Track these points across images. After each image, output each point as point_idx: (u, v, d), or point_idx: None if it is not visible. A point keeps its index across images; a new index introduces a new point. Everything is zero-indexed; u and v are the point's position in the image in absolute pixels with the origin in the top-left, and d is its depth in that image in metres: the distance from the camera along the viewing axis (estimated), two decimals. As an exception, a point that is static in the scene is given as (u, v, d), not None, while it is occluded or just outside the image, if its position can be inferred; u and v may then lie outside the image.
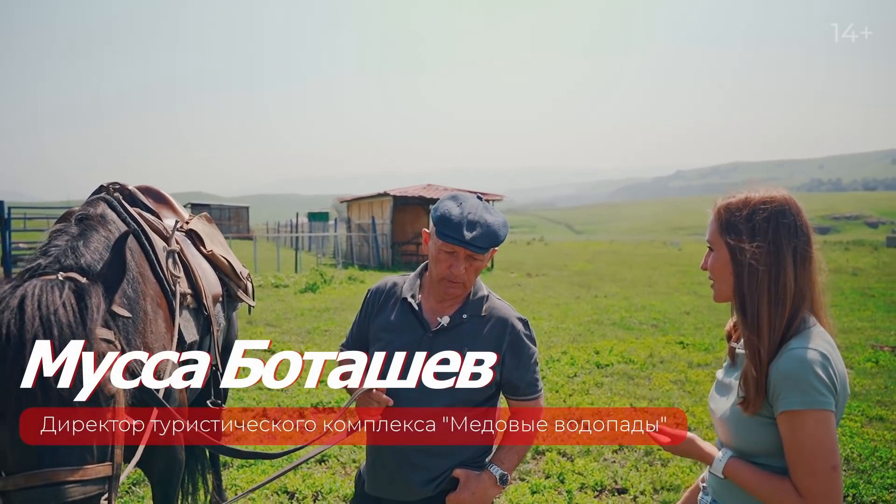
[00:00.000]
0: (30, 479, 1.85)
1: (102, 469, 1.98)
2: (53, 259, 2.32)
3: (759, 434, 1.92)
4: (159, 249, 3.12)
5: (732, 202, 1.99)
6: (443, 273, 2.42)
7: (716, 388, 2.17)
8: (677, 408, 6.76)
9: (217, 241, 4.00)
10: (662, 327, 12.55)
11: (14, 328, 1.91)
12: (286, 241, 39.64)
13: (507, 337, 2.51)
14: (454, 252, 2.39)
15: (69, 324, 1.97)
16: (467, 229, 2.36)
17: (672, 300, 16.76)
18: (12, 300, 1.98)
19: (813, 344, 1.85)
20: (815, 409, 1.79)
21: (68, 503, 1.86)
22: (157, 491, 3.18)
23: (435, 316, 2.52)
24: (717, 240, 2.01)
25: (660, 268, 28.19)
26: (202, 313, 3.40)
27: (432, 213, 2.47)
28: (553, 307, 15.43)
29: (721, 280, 2.02)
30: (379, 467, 2.53)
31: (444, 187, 29.56)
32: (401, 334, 2.51)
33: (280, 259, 26.30)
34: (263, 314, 13.17)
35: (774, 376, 1.85)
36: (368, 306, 2.66)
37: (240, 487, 5.15)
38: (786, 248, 1.90)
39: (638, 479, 5.32)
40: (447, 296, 2.48)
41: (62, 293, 2.03)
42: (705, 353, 10.05)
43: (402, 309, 2.56)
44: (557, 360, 9.47)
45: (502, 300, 2.64)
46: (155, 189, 3.78)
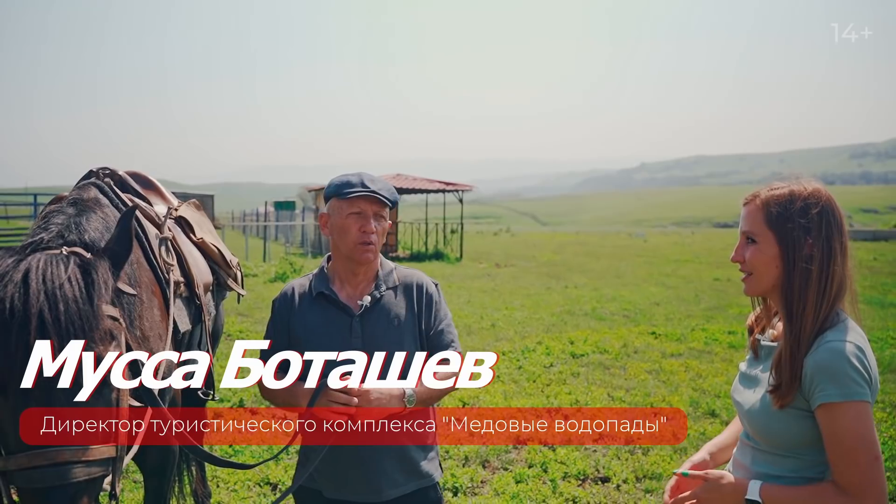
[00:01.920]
0: (33, 459, 1.81)
1: (107, 450, 1.94)
2: (56, 234, 2.25)
3: (791, 426, 1.90)
4: (152, 237, 3.05)
5: (779, 194, 1.96)
6: (355, 238, 2.45)
7: (741, 381, 2.14)
8: (677, 407, 6.81)
9: (206, 229, 3.93)
10: (634, 318, 12.65)
11: (18, 302, 1.85)
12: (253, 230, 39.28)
13: (424, 298, 2.60)
14: (361, 212, 2.45)
15: (75, 299, 1.90)
16: (370, 183, 2.46)
17: (641, 291, 16.91)
18: (16, 274, 1.91)
19: (849, 336, 1.85)
20: (853, 400, 1.78)
21: (72, 483, 1.82)
22: (150, 483, 3.12)
23: (353, 301, 2.54)
24: (764, 231, 1.96)
25: (627, 259, 28.44)
26: (194, 302, 3.34)
27: (328, 190, 2.53)
28: (525, 297, 15.48)
29: (764, 272, 1.98)
30: (342, 469, 2.49)
31: (414, 177, 29.46)
32: (328, 327, 2.51)
33: (248, 248, 26.06)
34: (234, 304, 13.02)
35: (811, 369, 1.84)
36: (280, 316, 2.61)
37: (221, 479, 5.10)
38: (836, 243, 1.90)
39: (620, 467, 5.35)
40: (364, 261, 2.50)
41: (68, 267, 1.97)
42: (678, 343, 10.15)
43: (319, 305, 2.56)
44: (533, 350, 9.50)
45: (410, 268, 2.72)
46: (143, 175, 3.69)
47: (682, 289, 17.47)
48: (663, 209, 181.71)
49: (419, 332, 2.57)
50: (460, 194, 28.89)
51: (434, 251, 28.26)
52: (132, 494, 4.78)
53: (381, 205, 2.48)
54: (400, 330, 2.52)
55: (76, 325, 1.86)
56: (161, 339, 2.79)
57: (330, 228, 2.53)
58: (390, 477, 2.49)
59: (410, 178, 29.29)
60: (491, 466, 5.47)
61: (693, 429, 6.22)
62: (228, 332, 10.53)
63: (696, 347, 9.87)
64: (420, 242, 29.88)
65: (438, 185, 28.59)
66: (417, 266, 20.96)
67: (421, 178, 29.40)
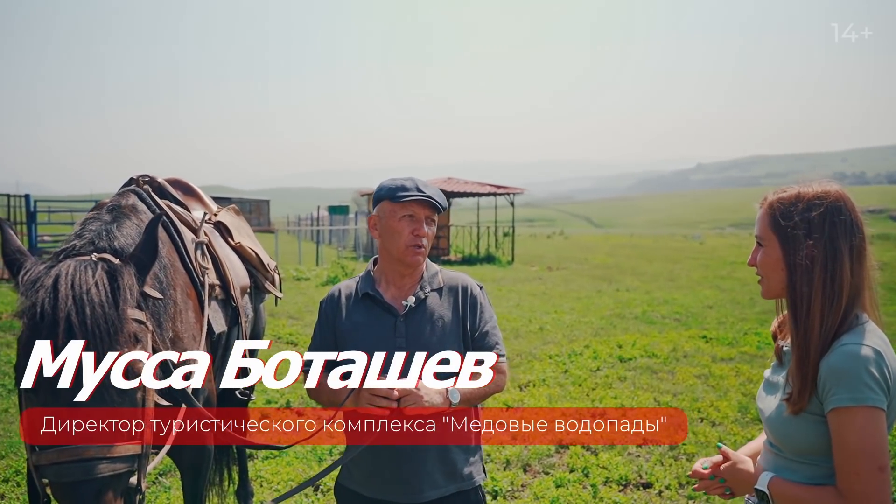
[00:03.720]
0: (61, 455, 1.90)
1: (132, 447, 2.02)
2: (87, 241, 2.36)
3: (809, 433, 1.87)
4: (188, 241, 3.14)
5: (785, 197, 1.94)
6: (407, 240, 2.50)
7: (764, 388, 2.12)
8: (676, 407, 6.74)
9: (245, 233, 4.02)
10: (685, 321, 12.47)
11: (48, 307, 1.95)
12: (307, 234, 39.82)
13: (469, 301, 2.63)
14: (414, 215, 2.50)
15: (101, 303, 1.99)
16: (423, 188, 2.51)
17: (694, 294, 16.65)
18: (47, 279, 2.01)
19: (866, 340, 1.80)
20: (864, 405, 1.74)
21: (97, 479, 1.90)
22: (186, 479, 3.21)
23: (398, 302, 2.58)
24: (769, 235, 1.96)
25: (681, 262, 28.00)
26: (230, 304, 3.42)
27: (380, 193, 2.56)
28: (575, 301, 15.38)
29: (771, 277, 1.97)
30: (383, 469, 2.52)
31: (465, 180, 29.49)
32: (372, 328, 2.55)
33: (301, 252, 26.40)
34: (285, 307, 13.21)
35: (825, 372, 1.81)
36: (327, 316, 2.67)
37: (265, 479, 5.19)
38: (842, 245, 1.85)
39: (663, 473, 5.29)
40: (414, 263, 2.55)
41: (95, 273, 2.06)
42: (729, 348, 9.97)
43: (364, 305, 2.61)
44: (580, 354, 9.44)
45: (455, 271, 2.76)
46: (184, 182, 3.81)
47: (737, 292, 17.13)
48: (721, 211, 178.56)
49: (464, 334, 2.60)
50: (511, 197, 28.83)
51: (486, 254, 28.25)
52: (173, 492, 4.89)
53: (433, 209, 2.54)
54: (443, 331, 2.55)
55: (101, 327, 1.95)
56: (195, 340, 2.87)
57: (380, 230, 2.57)
58: (431, 478, 2.51)
59: (462, 181, 29.33)
60: (532, 470, 5.46)
61: (740, 434, 6.11)
62: (279, 335, 10.69)
63: (748, 352, 9.67)
64: (472, 246, 29.91)
65: (489, 189, 28.58)
66: (469, 269, 20.96)
67: (472, 182, 29.42)
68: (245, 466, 4.74)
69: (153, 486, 5.08)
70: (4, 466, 5.33)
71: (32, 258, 2.14)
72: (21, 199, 16.49)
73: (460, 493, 2.59)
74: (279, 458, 5.59)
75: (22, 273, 2.08)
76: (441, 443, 2.50)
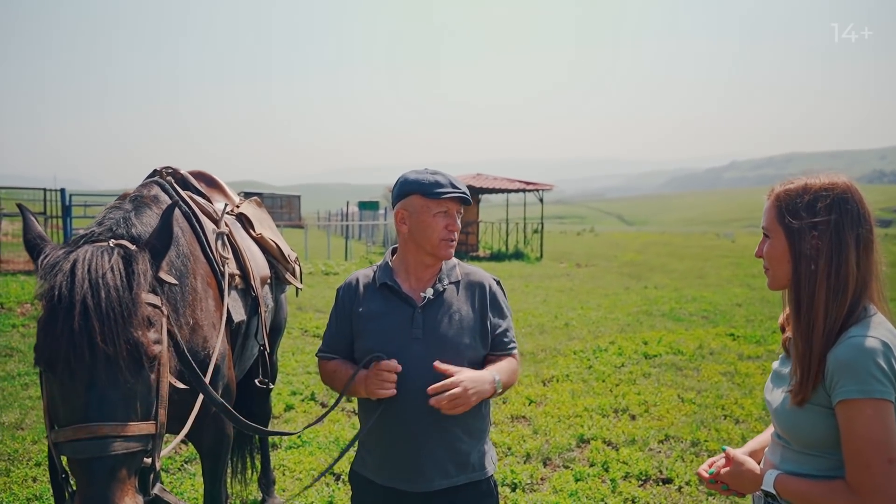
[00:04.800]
0: (77, 432, 1.97)
1: (146, 427, 2.08)
2: (107, 228, 2.43)
3: (816, 425, 1.87)
4: (209, 231, 3.21)
5: (791, 188, 1.94)
6: (441, 234, 2.54)
7: (771, 380, 2.12)
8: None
9: (266, 225, 4.09)
10: (713, 319, 12.37)
11: (65, 290, 2.02)
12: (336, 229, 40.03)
13: (487, 297, 2.66)
14: (447, 210, 2.54)
15: (116, 287, 2.06)
16: (457, 185, 2.55)
17: (724, 292, 16.50)
18: (65, 264, 2.09)
19: (874, 332, 1.80)
20: (872, 398, 1.73)
21: (110, 456, 1.96)
22: (206, 464, 3.28)
23: (416, 293, 2.60)
24: (775, 226, 1.96)
25: (711, 259, 27.75)
26: (250, 294, 3.49)
27: (410, 187, 2.57)
28: (602, 297, 15.33)
29: (777, 268, 1.97)
30: (394, 457, 2.56)
31: (494, 176, 29.47)
32: (389, 318, 2.57)
33: (330, 247, 26.59)
34: (314, 301, 13.35)
35: (832, 364, 1.80)
36: (344, 304, 2.68)
37: (287, 468, 5.26)
38: (848, 237, 1.85)
39: (683, 469, 5.28)
40: (446, 257, 2.60)
41: (111, 258, 2.13)
42: (756, 346, 9.89)
43: (382, 295, 2.62)
44: (605, 350, 9.43)
45: (471, 265, 2.78)
46: (207, 174, 3.89)
47: (767, 290, 16.72)
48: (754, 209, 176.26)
49: (483, 329, 2.62)
50: (540, 194, 28.76)
51: (514, 251, 28.22)
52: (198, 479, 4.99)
53: (463, 203, 2.59)
54: (461, 324, 2.57)
55: (116, 310, 2.01)
56: (215, 328, 2.94)
57: (410, 225, 2.58)
58: (442, 467, 2.54)
59: (491, 177, 29.31)
60: (552, 464, 5.48)
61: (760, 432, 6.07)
62: (305, 328, 10.81)
63: (776, 350, 9.58)
64: (500, 242, 29.89)
65: (519, 185, 28.53)
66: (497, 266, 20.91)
67: (501, 178, 29.38)
68: (267, 455, 4.83)
69: (178, 473, 5.19)
70: (38, 451, 5.47)
71: (52, 243, 2.22)
72: (57, 194, 16.81)
73: (471, 484, 2.62)
74: (302, 447, 5.67)
75: (42, 257, 2.16)
76: (451, 433, 2.53)
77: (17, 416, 6.30)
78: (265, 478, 4.77)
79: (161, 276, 2.29)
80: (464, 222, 29.09)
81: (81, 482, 1.96)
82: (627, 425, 6.34)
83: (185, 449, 5.60)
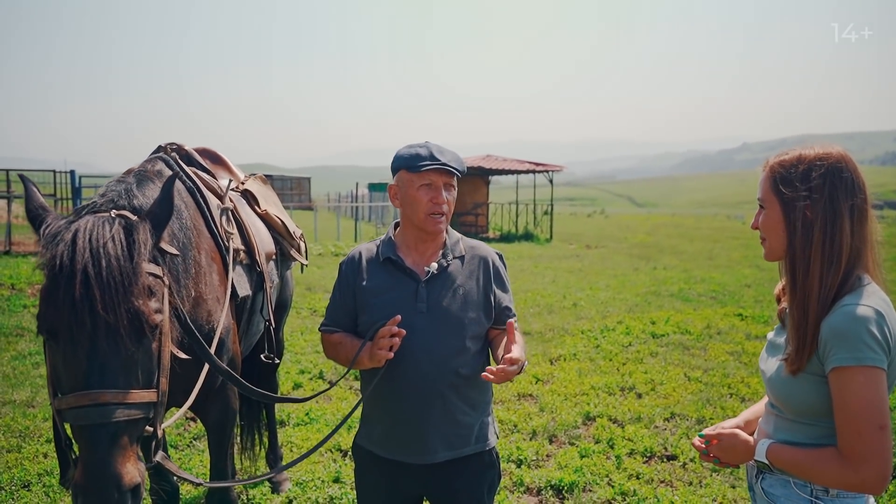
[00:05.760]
0: (79, 399, 2.00)
1: (147, 395, 2.11)
2: (108, 200, 2.45)
3: (809, 393, 1.88)
4: (213, 207, 3.23)
5: (786, 159, 1.95)
6: (427, 208, 2.52)
7: (766, 350, 2.13)
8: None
9: (272, 202, 4.10)
10: (721, 299, 12.35)
11: (66, 259, 2.04)
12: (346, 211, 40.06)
13: (491, 271, 2.67)
14: (431, 183, 2.51)
15: (116, 256, 2.08)
16: (439, 155, 2.51)
17: (732, 273, 16.46)
18: (66, 234, 2.11)
19: (867, 301, 1.81)
20: (864, 365, 1.74)
21: (112, 423, 1.99)
22: (211, 438, 3.31)
23: (420, 267, 2.60)
24: (770, 197, 1.97)
25: (721, 241, 27.66)
26: (255, 270, 3.51)
27: (397, 163, 2.57)
28: (611, 278, 15.32)
29: (773, 238, 1.98)
30: (397, 430, 2.58)
31: (504, 157, 29.41)
32: (393, 292, 2.57)
33: (340, 228, 26.62)
34: (322, 281, 13.40)
35: (826, 333, 1.81)
36: (347, 278, 2.68)
37: (295, 444, 5.31)
38: (843, 206, 1.86)
39: (688, 446, 5.30)
40: (435, 231, 2.56)
41: (112, 228, 2.15)
42: (764, 326, 9.87)
43: (386, 270, 2.62)
44: (612, 330, 9.45)
45: (474, 240, 2.78)
46: (212, 150, 3.90)
47: (776, 271, 16.49)
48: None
49: (486, 303, 2.63)
50: (550, 175, 28.68)
51: (524, 232, 28.19)
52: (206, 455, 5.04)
53: (450, 175, 2.55)
54: (464, 298, 2.58)
55: (116, 279, 2.04)
56: (219, 301, 2.96)
57: (400, 199, 2.59)
58: (445, 439, 2.56)
59: (500, 159, 29.23)
60: (558, 441, 5.51)
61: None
62: (315, 308, 10.85)
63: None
64: (510, 223, 29.86)
65: (528, 166, 28.47)
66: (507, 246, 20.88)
67: (511, 159, 29.31)
68: (275, 431, 4.88)
69: (187, 450, 5.24)
70: (48, 428, 5.54)
71: (54, 214, 2.24)
72: (66, 175, 16.89)
73: (475, 455, 2.64)
74: (310, 424, 5.72)
75: (43, 227, 2.18)
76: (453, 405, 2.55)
77: (28, 394, 6.38)
78: (273, 454, 4.82)
79: (162, 247, 2.31)
80: (473, 203, 29.10)
81: (84, 448, 1.99)
82: (633, 403, 6.36)
83: (194, 426, 5.67)
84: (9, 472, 4.71)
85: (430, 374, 2.49)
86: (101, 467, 1.94)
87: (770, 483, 2.00)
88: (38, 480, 4.62)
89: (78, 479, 1.95)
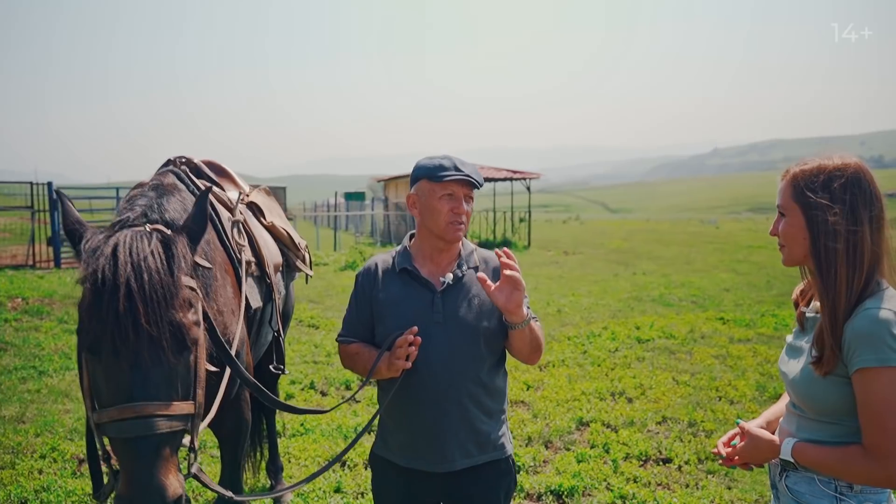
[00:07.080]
0: (123, 412, 2.01)
1: (187, 406, 2.13)
2: (140, 213, 2.47)
3: (832, 393, 1.95)
4: (225, 219, 3.25)
5: (807, 168, 2.02)
6: (448, 218, 2.55)
7: (786, 352, 2.20)
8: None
9: (276, 213, 4.13)
10: (702, 304, 12.52)
11: (109, 273, 2.06)
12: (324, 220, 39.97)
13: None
14: (453, 193, 2.55)
15: (157, 270, 2.10)
16: (461, 166, 2.56)
17: (711, 277, 16.68)
18: (106, 248, 2.13)
19: (888, 304, 1.88)
20: (888, 366, 1.82)
21: (156, 434, 2.01)
22: (225, 449, 3.33)
23: (435, 278, 2.63)
24: (792, 205, 2.03)
25: (697, 246, 27.96)
26: (265, 281, 3.54)
27: (418, 172, 2.61)
28: (592, 284, 15.45)
29: (793, 244, 2.05)
30: (416, 439, 2.60)
31: (481, 165, 29.52)
32: (409, 302, 2.60)
33: (319, 238, 26.58)
34: (305, 291, 13.37)
35: (850, 335, 1.89)
36: (364, 289, 2.70)
37: (293, 455, 5.32)
38: (863, 215, 1.93)
39: (682, 449, 5.38)
40: (454, 240, 2.60)
41: (151, 242, 2.18)
42: (746, 329, 10.03)
43: (402, 280, 2.64)
44: (598, 335, 9.54)
45: (488, 250, 2.80)
46: (217, 163, 3.92)
47: (753, 275, 17.13)
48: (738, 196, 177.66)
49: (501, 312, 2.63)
50: (528, 182, 28.83)
51: (502, 239, 28.30)
52: (209, 468, 5.03)
53: (471, 187, 2.59)
54: (480, 308, 2.60)
55: (159, 293, 2.06)
56: (234, 314, 2.99)
57: (420, 209, 2.62)
58: (463, 447, 2.58)
59: (477, 166, 29.30)
60: (553, 447, 5.56)
61: (758, 412, 6.17)
62: (300, 319, 10.84)
63: (766, 333, 9.74)
64: (488, 231, 29.97)
65: (506, 174, 28.58)
66: (484, 254, 21.08)
67: (488, 167, 29.43)
68: (275, 443, 4.88)
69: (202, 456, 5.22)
70: (41, 443, 5.49)
71: (91, 228, 2.26)
72: (43, 188, 16.73)
73: (492, 463, 2.67)
74: (306, 435, 5.72)
75: (83, 242, 2.20)
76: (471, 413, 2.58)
77: (17, 409, 6.32)
78: (273, 465, 4.82)
79: (197, 260, 2.33)
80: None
81: (126, 461, 2.00)
82: (625, 408, 6.44)
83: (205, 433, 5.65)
84: (4, 490, 4.67)
85: (447, 383, 2.52)
86: (146, 479, 1.96)
87: (794, 480, 2.07)
88: (34, 497, 4.58)
89: (122, 492, 1.96)
